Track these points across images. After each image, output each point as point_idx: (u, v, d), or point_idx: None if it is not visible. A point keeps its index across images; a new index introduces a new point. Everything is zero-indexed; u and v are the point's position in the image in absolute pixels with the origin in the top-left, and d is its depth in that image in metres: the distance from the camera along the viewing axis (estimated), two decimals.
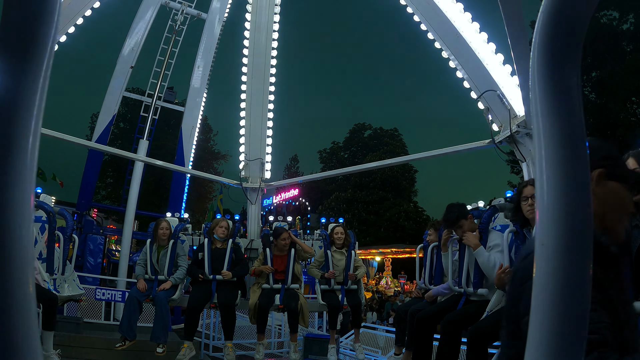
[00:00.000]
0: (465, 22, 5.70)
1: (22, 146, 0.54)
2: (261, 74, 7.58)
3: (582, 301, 0.65)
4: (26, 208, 0.53)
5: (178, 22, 13.43)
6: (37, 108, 0.57)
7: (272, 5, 7.47)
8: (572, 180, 0.67)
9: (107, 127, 13.00)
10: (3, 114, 0.54)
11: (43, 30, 0.57)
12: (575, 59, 0.70)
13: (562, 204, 0.67)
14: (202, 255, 5.54)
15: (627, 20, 22.11)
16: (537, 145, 0.71)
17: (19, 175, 0.53)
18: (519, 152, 5.46)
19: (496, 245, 3.86)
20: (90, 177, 13.55)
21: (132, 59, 12.86)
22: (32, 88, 0.56)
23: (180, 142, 13.99)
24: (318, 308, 6.05)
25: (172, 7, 13.37)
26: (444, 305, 4.31)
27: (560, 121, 0.69)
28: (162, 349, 5.12)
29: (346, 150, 43.72)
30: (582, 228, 0.67)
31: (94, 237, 12.58)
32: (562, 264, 0.65)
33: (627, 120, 21.86)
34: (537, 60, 0.71)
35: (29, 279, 0.52)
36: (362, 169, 10.21)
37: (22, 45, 0.56)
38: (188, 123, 14.02)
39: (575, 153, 0.68)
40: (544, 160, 0.69)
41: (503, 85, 5.51)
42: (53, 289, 4.90)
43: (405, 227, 36.13)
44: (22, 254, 0.51)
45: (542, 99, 0.70)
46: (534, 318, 0.66)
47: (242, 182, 7.84)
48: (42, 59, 0.57)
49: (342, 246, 5.95)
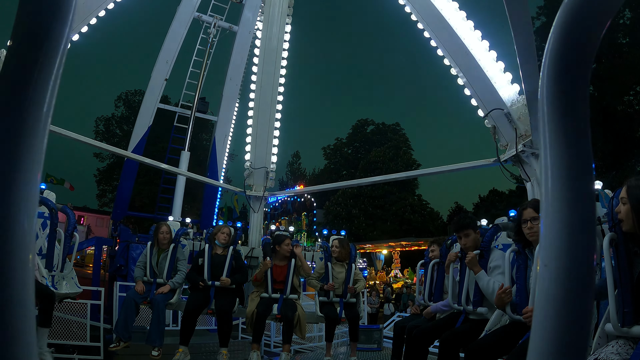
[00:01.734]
0: (474, 40, 5.73)
1: (32, 142, 0.54)
2: (270, 86, 7.64)
3: (584, 320, 0.64)
4: (31, 202, 0.53)
5: (211, 35, 13.65)
6: (47, 105, 0.57)
7: (284, 16, 7.54)
8: (578, 202, 0.67)
9: (143, 138, 13.18)
10: (14, 109, 0.55)
11: (57, 28, 0.58)
12: (585, 80, 0.70)
13: (565, 226, 0.66)
14: (202, 260, 5.54)
15: (623, 15, 22.44)
16: (543, 164, 0.70)
17: (26, 171, 0.53)
18: (523, 172, 5.45)
19: (497, 267, 3.82)
20: (126, 187, 13.74)
21: (166, 72, 13.08)
22: (43, 85, 0.56)
23: (214, 152, 14.10)
24: (316, 320, 6.01)
25: (205, 20, 13.61)
26: (442, 322, 4.28)
27: (568, 142, 0.68)
28: (157, 352, 5.09)
29: (349, 145, 43.90)
30: (585, 251, 0.66)
31: (136, 245, 12.65)
32: (565, 285, 0.64)
33: (625, 113, 22.01)
34: (546, 80, 0.71)
35: (29, 272, 0.52)
36: (368, 182, 10.22)
37: (35, 41, 0.57)
38: (221, 133, 14.13)
39: (582, 173, 0.68)
40: (550, 181, 0.69)
41: (510, 104, 5.52)
42: (51, 286, 4.90)
43: (411, 220, 36.59)
44: (23, 247, 0.51)
45: (550, 119, 0.70)
46: (536, 335, 0.66)
47: (246, 190, 7.87)
48: (54, 57, 0.57)
49: (342, 259, 5.93)
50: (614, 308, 2.20)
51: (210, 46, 13.84)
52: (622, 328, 2.15)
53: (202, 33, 13.90)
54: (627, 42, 22.42)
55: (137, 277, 5.52)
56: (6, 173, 0.52)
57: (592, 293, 0.66)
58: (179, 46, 13.05)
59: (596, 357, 2.11)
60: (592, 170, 0.70)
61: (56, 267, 5.13)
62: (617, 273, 2.24)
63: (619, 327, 2.16)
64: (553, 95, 0.71)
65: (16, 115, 0.55)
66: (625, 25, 22.37)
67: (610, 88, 21.34)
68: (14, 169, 0.52)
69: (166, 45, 12.97)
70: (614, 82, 21.03)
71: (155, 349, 5.09)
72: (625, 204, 2.19)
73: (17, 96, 0.55)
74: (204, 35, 13.88)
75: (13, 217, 0.51)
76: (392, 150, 38.85)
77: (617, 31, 22.51)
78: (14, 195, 0.52)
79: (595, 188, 4.00)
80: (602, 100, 21.74)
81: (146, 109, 13.26)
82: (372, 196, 37.20)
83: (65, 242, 5.35)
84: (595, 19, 0.67)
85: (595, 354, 2.16)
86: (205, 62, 13.87)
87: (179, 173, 11.37)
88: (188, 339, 5.24)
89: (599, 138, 20.88)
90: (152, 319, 5.29)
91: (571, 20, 0.68)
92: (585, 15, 0.67)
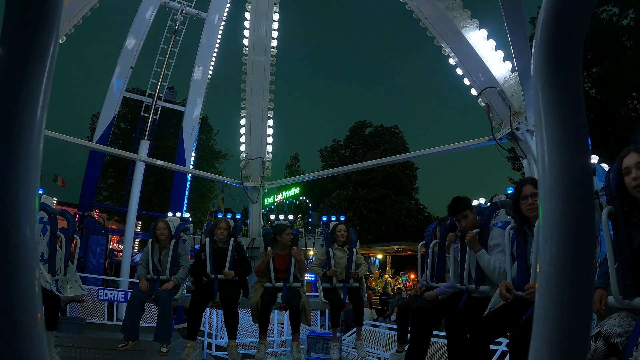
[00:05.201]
0: (465, 19, 5.69)
1: (27, 146, 0.54)
2: (261, 72, 7.58)
3: (586, 294, 0.65)
4: (31, 208, 0.53)
5: (178, 21, 13.44)
6: (41, 108, 0.57)
7: (272, 4, 7.45)
8: (575, 176, 0.67)
9: (108, 127, 13.02)
10: (8, 114, 0.54)
11: (46, 30, 0.57)
12: (577, 53, 0.70)
13: (564, 200, 0.67)
14: (205, 255, 5.55)
15: (627, 16, 22.20)
16: (539, 141, 0.70)
17: (23, 176, 0.53)
18: (519, 149, 5.46)
19: (497, 245, 3.84)
20: (91, 178, 13.56)
21: (132, 59, 12.87)
22: (35, 88, 0.56)
23: (181, 142, 14.01)
24: (320, 306, 6.05)
25: (172, 6, 13.39)
26: (446, 302, 4.32)
27: (562, 115, 0.68)
28: (166, 349, 5.13)
29: (347, 148, 43.73)
30: (585, 223, 0.67)
31: (96, 237, 12.61)
32: (566, 257, 0.65)
33: (628, 115, 21.89)
34: (538, 55, 0.71)
35: (35, 278, 0.52)
36: (364, 166, 10.24)
37: (25, 45, 0.56)
38: (189, 122, 14.04)
39: (578, 147, 0.68)
40: (547, 156, 0.69)
41: (503, 82, 5.51)
42: (55, 290, 4.91)
43: (407, 225, 36.20)
44: (28, 253, 0.51)
45: (543, 94, 0.70)
46: (539, 312, 0.66)
47: (243, 181, 7.85)
48: (45, 59, 0.57)
49: (344, 244, 5.95)
50: (614, 280, 2.22)
51: (176, 33, 13.61)
52: (624, 300, 2.17)
53: (169, 20, 13.66)
54: (631, 45, 22.15)
55: (140, 275, 5.54)
56: (4, 182, 0.52)
57: (593, 266, 0.66)
58: (145, 33, 12.81)
59: (599, 330, 2.14)
60: (588, 143, 0.70)
61: (59, 271, 5.14)
62: (616, 246, 2.26)
63: (621, 300, 2.18)
64: (546, 68, 0.70)
65: (10, 123, 0.54)
66: (630, 26, 22.06)
67: (613, 90, 21.14)
68: (11, 178, 0.52)
69: (132, 32, 12.73)
70: (617, 85, 20.84)
71: (163, 345, 5.13)
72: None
73: (10, 104, 0.55)
74: (171, 22, 13.64)
75: (14, 225, 0.51)
76: (390, 153, 38.48)
77: (621, 33, 22.22)
78: (14, 203, 0.52)
79: (592, 162, 4.01)
80: (605, 103, 21.57)
81: (111, 97, 13.08)
82: (367, 199, 36.84)
83: (67, 246, 5.35)
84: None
85: (597, 327, 2.18)
86: (170, 49, 13.60)
87: (135, 159, 11.21)
88: (195, 333, 5.27)
89: (601, 141, 20.76)
90: (158, 316, 5.32)
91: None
92: None
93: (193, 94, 13.92)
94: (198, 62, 13.64)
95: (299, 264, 5.68)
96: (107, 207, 22.36)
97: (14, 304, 0.49)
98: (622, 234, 2.25)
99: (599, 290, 2.33)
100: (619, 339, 2.04)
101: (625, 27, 22.29)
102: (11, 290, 0.49)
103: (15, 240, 0.50)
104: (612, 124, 21.53)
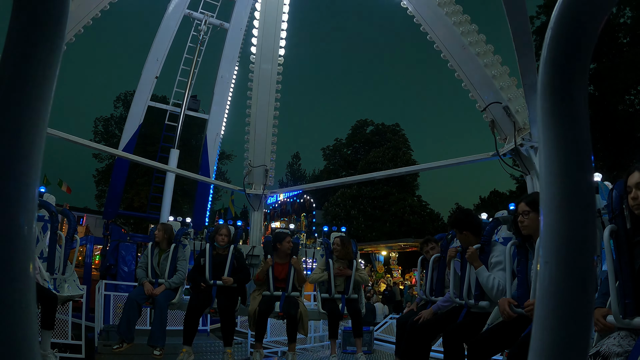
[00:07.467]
0: (472, 34, 5.72)
1: (29, 145, 0.54)
2: (267, 84, 7.62)
3: (585, 312, 0.64)
4: (31, 204, 0.53)
5: (202, 32, 13.56)
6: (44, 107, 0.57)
7: (280, 13, 7.51)
8: (577, 196, 0.67)
9: (134, 136, 13.15)
10: (10, 113, 0.54)
11: (52, 32, 0.57)
12: (584, 72, 0.70)
13: (565, 220, 0.66)
14: (204, 260, 5.53)
15: (624, 14, 22.44)
16: (543, 158, 0.70)
17: (24, 174, 0.53)
18: (523, 165, 5.45)
19: (498, 262, 3.79)
20: (117, 185, 13.70)
21: (156, 70, 13.02)
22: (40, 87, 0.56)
23: (205, 150, 14.05)
24: (318, 316, 6.02)
25: (195, 17, 13.53)
26: (444, 316, 4.28)
27: (567, 133, 0.68)
28: (160, 352, 5.09)
29: (349, 146, 43.83)
30: (585, 245, 0.66)
31: (126, 245, 12.61)
32: (566, 282, 0.64)
33: (626, 112, 22.03)
34: (544, 73, 0.71)
35: (29, 276, 0.52)
36: (369, 177, 10.22)
37: (30, 45, 0.57)
38: (212, 131, 14.09)
39: (581, 166, 0.67)
40: (549, 174, 0.68)
41: (508, 97, 5.51)
42: (53, 289, 4.90)
43: (411, 221, 36.25)
44: (24, 250, 0.51)
45: (548, 112, 0.70)
46: (537, 328, 0.66)
47: (246, 189, 7.86)
48: (51, 58, 0.57)
49: (341, 258, 5.93)
50: (615, 299, 2.20)
51: (201, 43, 13.74)
52: (624, 320, 2.15)
53: (192, 30, 13.79)
54: (627, 42, 22.38)
55: (140, 278, 5.53)
56: (5, 178, 0.52)
57: (593, 287, 0.66)
58: (169, 44, 12.96)
59: (598, 349, 2.12)
60: (591, 162, 0.69)
61: (58, 270, 5.13)
62: (617, 265, 2.25)
63: (621, 319, 2.17)
64: (551, 86, 0.70)
65: (13, 121, 0.54)
66: (626, 24, 22.32)
67: (611, 87, 21.30)
68: (12, 174, 0.52)
69: (156, 43, 12.88)
70: (615, 82, 21.00)
71: (157, 349, 5.10)
72: None
73: (14, 101, 0.55)
74: (194, 33, 13.77)
75: (12, 221, 0.51)
76: (392, 151, 38.68)
77: (618, 30, 22.47)
78: (13, 199, 0.52)
79: (595, 180, 4.00)
80: (602, 99, 21.72)
81: (137, 107, 13.21)
82: (371, 197, 36.97)
83: (66, 245, 5.35)
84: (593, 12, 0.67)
85: (597, 346, 2.16)
86: (195, 59, 13.75)
87: (165, 169, 11.28)
88: (191, 338, 5.24)
89: (599, 138, 20.85)
90: (154, 320, 5.29)
91: (570, 12, 0.67)
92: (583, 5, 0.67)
93: (217, 103, 13.90)
94: (221, 71, 13.67)
95: (299, 273, 5.65)
96: (134, 214, 22.12)
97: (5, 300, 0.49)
98: (623, 252, 2.23)
99: (599, 308, 2.31)
100: (618, 359, 2.02)
101: (622, 25, 22.57)
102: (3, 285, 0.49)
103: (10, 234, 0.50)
104: (610, 121, 21.63)
